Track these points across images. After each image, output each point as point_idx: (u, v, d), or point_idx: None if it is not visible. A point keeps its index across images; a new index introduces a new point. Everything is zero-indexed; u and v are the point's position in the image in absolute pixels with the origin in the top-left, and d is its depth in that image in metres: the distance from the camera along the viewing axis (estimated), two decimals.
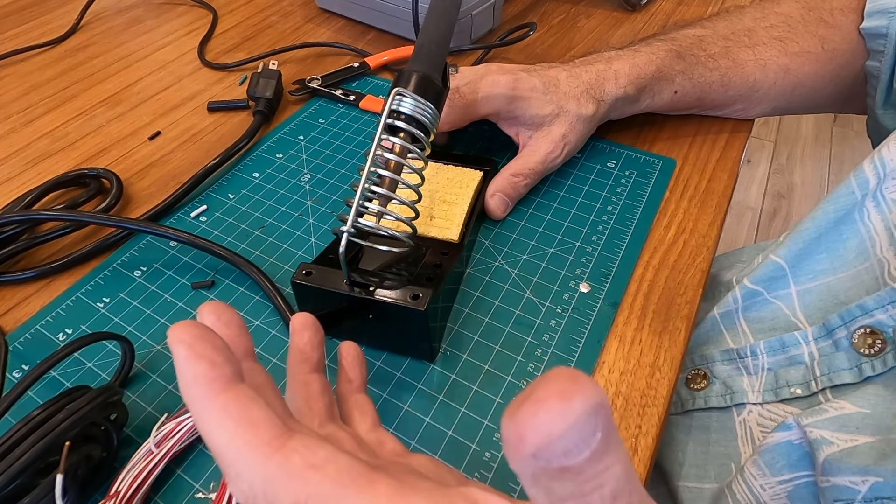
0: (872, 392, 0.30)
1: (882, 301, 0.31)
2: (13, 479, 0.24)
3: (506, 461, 0.16)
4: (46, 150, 0.50)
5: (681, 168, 0.45)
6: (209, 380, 0.16)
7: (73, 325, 0.37)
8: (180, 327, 0.16)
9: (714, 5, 0.68)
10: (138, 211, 0.44)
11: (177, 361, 0.16)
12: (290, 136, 0.50)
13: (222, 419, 0.15)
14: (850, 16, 0.45)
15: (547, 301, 0.37)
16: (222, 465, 0.15)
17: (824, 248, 0.36)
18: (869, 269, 0.34)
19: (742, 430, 0.36)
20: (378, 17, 0.62)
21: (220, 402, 0.15)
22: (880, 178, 0.34)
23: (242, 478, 0.15)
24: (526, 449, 0.12)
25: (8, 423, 0.26)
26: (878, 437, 0.28)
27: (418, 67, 0.33)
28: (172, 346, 0.16)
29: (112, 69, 0.60)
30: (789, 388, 0.35)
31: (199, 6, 0.70)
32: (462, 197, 0.40)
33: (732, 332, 0.39)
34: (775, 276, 0.38)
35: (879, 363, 0.31)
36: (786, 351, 0.36)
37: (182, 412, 0.30)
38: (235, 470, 0.15)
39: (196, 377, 0.15)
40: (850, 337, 0.32)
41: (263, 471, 0.15)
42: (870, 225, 0.34)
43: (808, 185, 1.76)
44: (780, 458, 0.32)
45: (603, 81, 0.42)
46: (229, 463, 0.15)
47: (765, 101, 0.47)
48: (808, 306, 0.36)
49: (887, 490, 0.26)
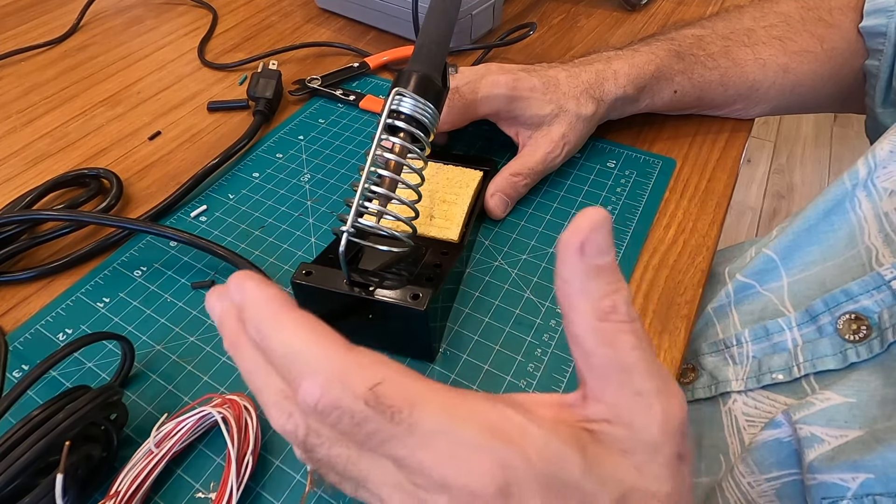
0: (857, 379, 0.30)
1: (867, 286, 0.31)
2: (13, 479, 0.24)
3: None
4: (46, 150, 0.50)
5: (681, 168, 0.45)
6: (283, 299, 0.19)
7: (73, 325, 0.37)
8: (244, 272, 0.20)
9: (714, 5, 0.68)
10: (138, 211, 0.44)
11: (248, 289, 0.20)
12: (290, 136, 0.50)
13: (298, 327, 0.18)
14: (849, 15, 0.45)
15: (547, 301, 0.37)
16: (297, 366, 0.18)
17: (815, 240, 0.36)
18: (856, 256, 0.34)
19: (728, 419, 0.36)
20: (378, 17, 0.62)
21: (295, 314, 0.19)
22: (871, 168, 0.34)
23: (320, 372, 0.17)
24: (578, 242, 0.18)
25: (8, 423, 0.26)
26: (865, 429, 0.28)
27: (418, 67, 0.33)
28: (240, 279, 0.20)
29: (112, 69, 0.60)
30: (771, 373, 0.35)
31: (199, 6, 0.70)
32: (462, 197, 0.40)
33: (724, 324, 0.40)
34: (767, 269, 0.38)
35: (865, 349, 0.31)
36: (770, 338, 0.36)
37: (182, 412, 0.30)
38: (313, 367, 0.18)
39: (271, 296, 0.19)
40: (834, 323, 0.32)
41: (341, 364, 0.18)
42: (860, 213, 0.34)
43: (808, 185, 1.76)
44: (768, 456, 0.32)
45: (602, 81, 0.42)
46: (307, 361, 0.18)
47: (764, 101, 0.47)
48: (796, 295, 0.36)
49: (878, 486, 0.26)
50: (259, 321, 0.19)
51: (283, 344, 0.19)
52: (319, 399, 0.17)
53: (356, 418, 0.17)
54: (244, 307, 0.20)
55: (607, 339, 0.19)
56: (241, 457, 0.28)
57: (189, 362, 0.35)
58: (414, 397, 0.18)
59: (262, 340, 0.19)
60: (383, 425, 0.17)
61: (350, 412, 0.17)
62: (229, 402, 0.30)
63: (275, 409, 0.20)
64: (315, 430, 0.19)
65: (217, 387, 0.33)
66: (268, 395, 0.20)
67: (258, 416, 0.30)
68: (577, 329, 0.19)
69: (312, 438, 0.19)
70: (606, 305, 0.18)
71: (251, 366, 0.21)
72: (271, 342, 0.19)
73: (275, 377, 0.20)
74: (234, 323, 0.21)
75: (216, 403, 0.30)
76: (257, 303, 0.19)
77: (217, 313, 0.22)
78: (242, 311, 0.20)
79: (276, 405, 0.20)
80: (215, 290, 0.22)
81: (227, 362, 0.35)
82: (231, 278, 0.20)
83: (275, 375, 0.20)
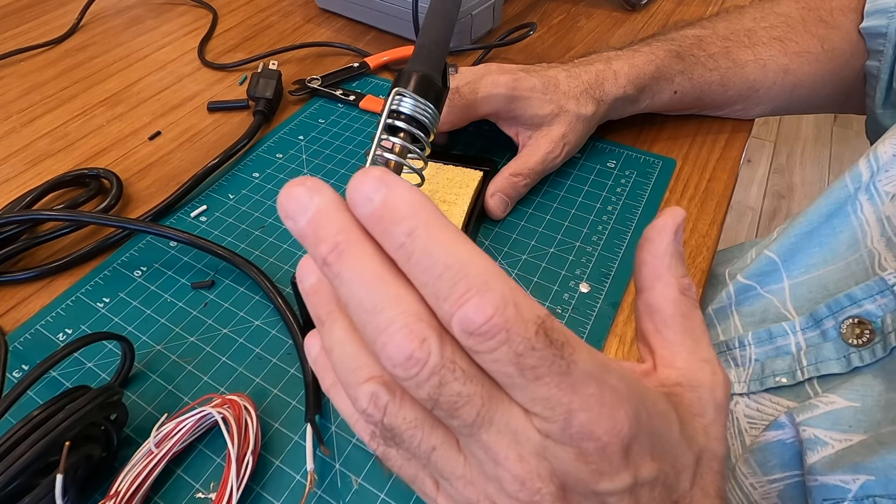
0: (861, 383, 0.30)
1: (871, 291, 0.31)
2: (13, 479, 0.24)
3: None
4: (46, 150, 0.50)
5: (681, 168, 0.45)
6: (437, 209, 0.17)
7: (73, 325, 0.37)
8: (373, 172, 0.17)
9: (714, 5, 0.68)
10: (138, 211, 0.44)
11: (396, 186, 0.17)
12: (290, 136, 0.50)
13: (462, 238, 0.16)
14: (849, 15, 0.45)
15: (547, 301, 0.37)
16: (467, 280, 0.16)
17: (817, 242, 0.36)
18: (859, 260, 0.34)
19: (730, 421, 0.36)
20: (378, 17, 0.62)
21: (452, 225, 0.17)
22: (874, 171, 0.34)
23: (496, 290, 0.16)
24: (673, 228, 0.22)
25: (8, 423, 0.26)
26: (869, 433, 0.28)
27: (418, 67, 0.33)
28: (380, 174, 0.17)
29: (112, 69, 0.60)
30: (774, 377, 0.35)
31: (199, 6, 0.70)
32: (462, 197, 0.40)
33: (724, 326, 0.39)
34: (768, 271, 0.38)
35: (868, 353, 0.31)
36: (773, 341, 0.36)
37: (182, 412, 0.30)
38: (489, 283, 0.16)
39: (426, 200, 0.17)
40: (837, 327, 0.33)
41: (512, 286, 0.16)
42: (862, 217, 0.34)
43: (808, 185, 1.76)
44: (771, 458, 0.32)
45: (602, 81, 0.42)
46: (479, 273, 0.16)
47: (764, 102, 0.47)
48: (799, 298, 0.36)
49: (878, 488, 0.26)
50: (416, 224, 0.16)
51: (448, 254, 0.16)
52: (491, 317, 0.15)
53: (522, 347, 0.16)
54: (393, 204, 0.16)
55: (685, 311, 0.21)
56: (241, 457, 0.28)
57: (189, 362, 0.35)
58: (572, 338, 0.17)
59: (417, 248, 0.16)
60: (546, 360, 0.16)
61: (520, 338, 0.15)
62: (229, 402, 0.30)
63: (403, 332, 0.16)
64: (452, 361, 0.16)
65: (217, 387, 0.33)
66: (396, 314, 0.16)
67: (258, 416, 0.30)
68: (659, 300, 0.21)
69: (447, 372, 0.16)
70: (686, 283, 0.22)
71: (375, 274, 0.17)
72: (432, 250, 0.16)
73: (409, 294, 0.17)
74: (345, 219, 0.17)
75: (216, 403, 0.30)
76: (415, 202, 0.16)
77: (315, 207, 0.18)
78: (387, 210, 0.16)
79: (406, 328, 0.16)
80: (300, 180, 0.18)
81: (227, 362, 0.35)
82: (360, 173, 0.17)
83: (409, 292, 0.17)
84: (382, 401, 0.18)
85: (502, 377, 0.16)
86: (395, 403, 0.18)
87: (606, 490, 0.17)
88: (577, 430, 0.16)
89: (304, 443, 0.30)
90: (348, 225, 0.17)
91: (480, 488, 0.18)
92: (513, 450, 0.17)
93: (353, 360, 0.19)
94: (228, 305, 0.37)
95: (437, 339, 0.16)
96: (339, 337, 0.19)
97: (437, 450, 0.18)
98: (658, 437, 0.18)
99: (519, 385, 0.16)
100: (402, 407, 0.18)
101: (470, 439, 0.17)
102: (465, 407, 0.17)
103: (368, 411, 0.18)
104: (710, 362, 0.21)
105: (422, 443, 0.18)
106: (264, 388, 0.33)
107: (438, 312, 0.16)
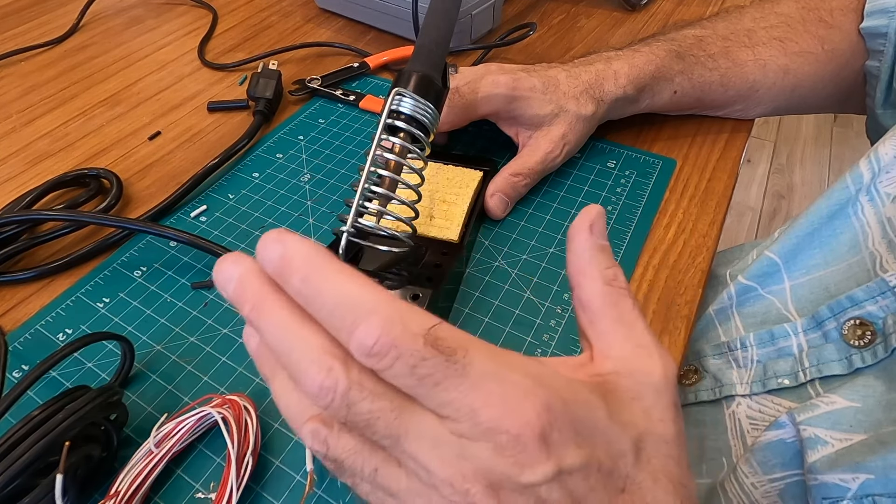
0: (863, 384, 0.30)
1: (872, 292, 0.32)
2: (13, 479, 0.24)
3: None
4: (46, 150, 0.50)
5: (681, 168, 0.45)
6: (327, 251, 0.19)
7: (73, 325, 0.37)
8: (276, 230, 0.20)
9: (714, 5, 0.68)
10: (138, 211, 0.44)
11: (290, 241, 0.19)
12: (289, 136, 0.50)
13: (351, 276, 0.18)
14: (849, 15, 0.45)
15: (547, 301, 0.37)
16: (354, 312, 0.18)
17: (818, 243, 0.36)
18: (860, 261, 0.34)
19: (731, 422, 0.37)
20: (378, 17, 0.62)
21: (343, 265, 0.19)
22: (875, 172, 0.34)
23: (380, 313, 0.17)
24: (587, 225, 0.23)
25: (8, 423, 0.26)
26: (870, 433, 0.28)
27: (418, 67, 0.33)
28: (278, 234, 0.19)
29: (112, 69, 0.60)
30: (777, 378, 0.35)
31: (199, 6, 0.70)
32: (462, 197, 0.40)
33: (725, 327, 0.40)
34: (769, 272, 0.38)
35: (869, 355, 0.31)
36: (775, 343, 0.36)
37: (182, 412, 0.30)
38: (372, 309, 0.17)
39: (317, 248, 0.19)
40: (839, 328, 0.33)
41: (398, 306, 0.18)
42: (863, 219, 0.34)
43: (808, 185, 1.76)
44: (772, 457, 0.32)
45: (602, 81, 0.42)
46: (364, 304, 0.18)
47: (764, 102, 0.47)
48: (800, 299, 0.36)
49: (878, 487, 0.26)
50: (308, 272, 0.18)
51: (336, 292, 0.18)
52: (379, 338, 0.17)
53: (413, 359, 0.17)
54: (289, 258, 0.19)
55: (612, 300, 0.22)
56: (241, 457, 0.28)
57: (189, 362, 0.35)
58: (465, 342, 0.18)
59: (311, 291, 0.18)
60: (439, 367, 0.17)
61: (409, 352, 0.17)
62: (229, 402, 0.30)
63: (313, 367, 0.18)
64: (358, 383, 0.18)
65: (217, 387, 0.33)
66: (304, 353, 0.19)
67: (258, 416, 0.30)
68: (586, 294, 0.23)
69: (354, 393, 0.18)
70: (611, 274, 0.23)
71: (284, 323, 0.19)
72: (323, 291, 0.18)
73: (314, 332, 0.19)
74: (259, 282, 0.20)
75: (216, 403, 0.30)
76: (304, 254, 0.19)
77: (237, 275, 0.20)
78: (284, 264, 0.19)
79: (315, 362, 0.18)
80: (228, 257, 0.21)
81: (227, 362, 0.35)
82: (264, 236, 0.19)
83: (314, 331, 0.19)
84: (321, 435, 0.20)
85: (408, 389, 0.18)
86: (333, 436, 0.20)
87: (531, 481, 0.18)
88: (486, 425, 0.17)
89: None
90: (263, 286, 0.20)
91: (426, 498, 0.19)
92: (435, 454, 0.18)
93: (296, 406, 0.21)
94: (228, 305, 0.37)
95: (342, 366, 0.18)
96: (280, 387, 0.21)
97: (378, 470, 0.20)
98: (581, 423, 0.19)
99: (423, 394, 0.18)
100: (340, 438, 0.20)
101: (399, 451, 0.19)
102: (378, 422, 0.18)
103: (314, 448, 0.20)
104: (645, 347, 0.22)
105: (364, 466, 0.20)
106: (264, 388, 0.33)
107: (342, 343, 0.18)
